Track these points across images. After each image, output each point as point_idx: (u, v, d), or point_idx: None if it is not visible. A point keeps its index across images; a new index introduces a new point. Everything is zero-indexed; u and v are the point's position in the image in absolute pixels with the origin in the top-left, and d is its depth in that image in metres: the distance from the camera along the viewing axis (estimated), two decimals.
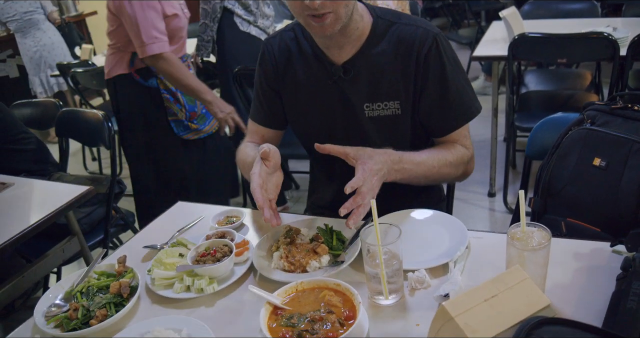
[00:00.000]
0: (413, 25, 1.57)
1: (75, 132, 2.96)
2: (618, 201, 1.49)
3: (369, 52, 1.58)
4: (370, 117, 1.62)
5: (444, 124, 1.65)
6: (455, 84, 1.59)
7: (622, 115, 1.57)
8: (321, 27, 1.44)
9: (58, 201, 2.07)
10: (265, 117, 1.79)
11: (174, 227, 1.73)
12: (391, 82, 1.59)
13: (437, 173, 1.58)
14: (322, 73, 1.64)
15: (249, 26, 3.43)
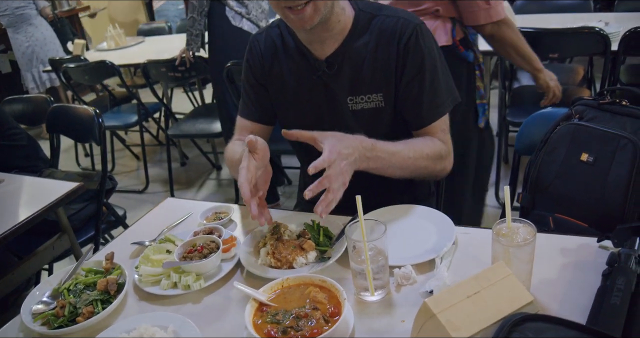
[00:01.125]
0: (394, 16, 1.57)
1: (66, 128, 2.95)
2: (605, 196, 1.49)
3: (352, 45, 1.58)
4: (353, 111, 1.62)
5: (419, 116, 1.62)
6: (432, 76, 1.58)
7: (610, 110, 1.56)
8: (300, 19, 1.44)
9: (48, 197, 2.06)
10: (254, 112, 1.78)
11: (163, 223, 1.73)
12: (374, 74, 1.58)
13: (412, 164, 1.54)
14: (306, 68, 1.64)
15: (242, 20, 3.38)
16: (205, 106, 4.52)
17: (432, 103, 1.60)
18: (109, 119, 4.31)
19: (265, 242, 1.47)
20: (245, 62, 1.75)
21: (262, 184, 1.45)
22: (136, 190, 4.40)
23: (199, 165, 4.72)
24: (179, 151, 4.79)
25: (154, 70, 3.83)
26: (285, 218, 1.57)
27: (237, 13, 3.36)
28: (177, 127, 3.98)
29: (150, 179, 4.45)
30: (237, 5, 3.35)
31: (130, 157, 5.10)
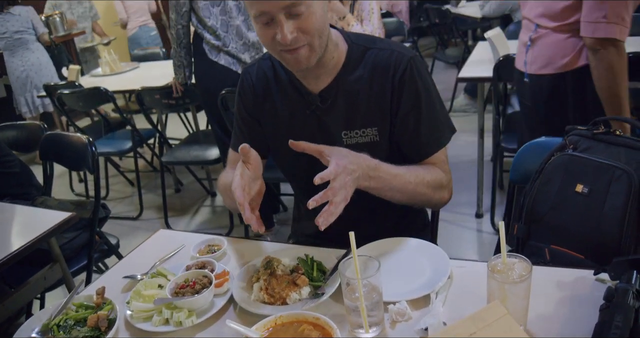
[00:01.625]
0: (388, 49, 1.57)
1: (60, 156, 2.93)
2: (601, 228, 1.48)
3: (345, 79, 1.57)
4: (348, 145, 1.60)
5: (418, 149, 1.62)
6: (429, 108, 1.58)
7: (605, 140, 1.56)
8: (296, 59, 1.44)
9: (40, 227, 2.04)
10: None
11: (156, 255, 1.71)
12: (368, 108, 1.58)
13: (412, 190, 1.53)
14: (299, 102, 1.63)
15: (218, 54, 3.32)
16: (200, 132, 4.51)
17: (431, 135, 1.60)
18: (103, 145, 4.30)
19: (258, 277, 1.45)
20: (237, 95, 1.74)
21: (256, 197, 1.44)
22: (130, 216, 4.37)
23: (194, 192, 4.70)
24: (174, 177, 4.77)
25: (148, 97, 3.83)
26: (279, 252, 1.55)
27: (213, 47, 3.30)
28: (172, 154, 3.97)
29: (145, 206, 4.42)
30: (213, 39, 3.29)
31: (125, 183, 5.08)
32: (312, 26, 1.38)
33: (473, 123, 4.29)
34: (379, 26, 4.18)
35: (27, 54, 5.73)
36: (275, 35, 1.38)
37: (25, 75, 5.72)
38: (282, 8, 1.34)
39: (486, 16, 5.24)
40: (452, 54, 6.20)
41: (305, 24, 1.37)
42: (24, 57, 5.70)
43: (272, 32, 1.38)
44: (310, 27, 1.38)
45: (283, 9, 1.34)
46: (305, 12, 1.36)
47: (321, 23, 1.41)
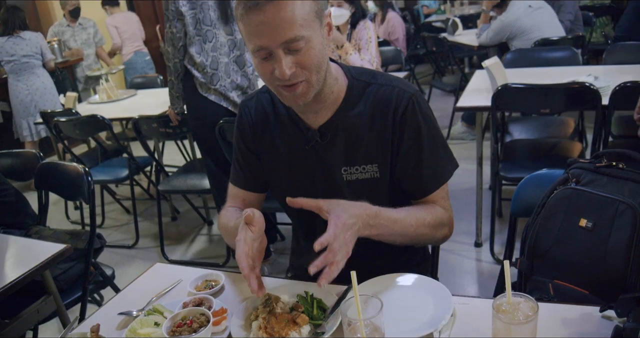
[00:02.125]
0: (389, 85, 1.55)
1: (55, 185, 2.90)
2: (606, 263, 1.46)
3: (346, 114, 1.56)
4: (348, 181, 1.59)
5: (419, 186, 1.61)
6: (431, 145, 1.57)
7: (607, 173, 1.55)
8: (293, 96, 1.42)
9: (34, 259, 2.00)
10: (245, 181, 1.76)
11: (152, 289, 1.68)
12: (369, 144, 1.56)
13: (414, 232, 1.52)
14: (298, 137, 1.61)
15: (208, 90, 3.29)
16: (197, 161, 4.49)
17: (432, 172, 1.59)
18: (99, 173, 4.27)
19: (257, 315, 1.42)
20: (235, 128, 1.72)
21: (257, 256, 1.41)
22: (126, 245, 4.32)
23: (190, 220, 4.67)
24: (170, 205, 4.74)
25: (146, 126, 3.82)
26: (278, 289, 1.52)
27: (202, 84, 3.28)
28: (169, 183, 3.94)
29: (141, 234, 4.38)
30: (200, 76, 3.26)
31: (121, 211, 5.04)
32: (311, 61, 1.37)
33: (470, 150, 4.30)
34: (377, 55, 4.20)
35: (33, 78, 5.75)
36: (274, 70, 1.37)
37: (29, 99, 5.73)
38: (281, 43, 1.33)
39: (483, 44, 5.27)
40: (449, 82, 6.22)
41: (304, 60, 1.36)
42: (29, 81, 5.72)
43: (271, 67, 1.37)
44: (309, 62, 1.37)
45: (282, 45, 1.33)
46: (305, 48, 1.35)
47: (320, 58, 1.40)
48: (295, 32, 1.32)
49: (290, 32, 1.32)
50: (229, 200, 1.79)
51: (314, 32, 1.36)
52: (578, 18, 5.48)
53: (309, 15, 1.34)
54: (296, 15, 1.31)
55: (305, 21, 1.33)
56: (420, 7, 9.48)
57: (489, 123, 3.84)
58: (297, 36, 1.32)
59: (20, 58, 5.61)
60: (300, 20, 1.32)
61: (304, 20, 1.33)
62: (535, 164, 3.29)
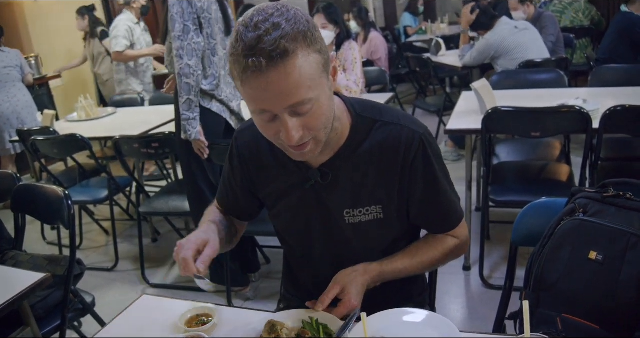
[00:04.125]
0: (397, 124, 1.47)
1: (33, 208, 2.78)
2: (617, 297, 1.40)
3: (349, 154, 1.47)
4: (351, 223, 1.52)
5: (438, 226, 1.60)
6: (445, 184, 1.53)
7: (615, 204, 1.50)
8: (300, 155, 1.34)
9: (11, 290, 1.90)
10: (230, 209, 1.73)
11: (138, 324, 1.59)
12: (374, 186, 1.49)
13: (421, 270, 1.58)
14: (297, 176, 1.52)
15: (211, 101, 3.18)
16: (178, 182, 4.39)
17: (452, 209, 1.58)
18: (78, 194, 4.16)
19: None
20: (227, 157, 1.65)
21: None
22: (105, 267, 4.19)
23: (172, 242, 4.53)
24: (151, 227, 4.62)
25: (127, 146, 3.72)
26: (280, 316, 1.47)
27: (206, 94, 3.15)
28: (150, 205, 3.84)
29: (120, 256, 4.25)
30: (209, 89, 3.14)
31: (99, 232, 4.91)
32: (319, 122, 1.28)
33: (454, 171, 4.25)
34: (362, 75, 4.17)
35: (14, 91, 5.66)
36: (279, 132, 1.27)
37: (11, 111, 5.62)
38: (286, 108, 1.22)
39: (466, 65, 5.28)
40: (432, 103, 6.21)
41: (311, 121, 1.26)
42: (11, 93, 5.62)
43: (276, 129, 1.28)
44: (317, 123, 1.28)
45: (287, 109, 1.23)
46: (312, 109, 1.25)
47: (327, 114, 1.30)
48: (303, 95, 1.21)
49: (298, 97, 1.21)
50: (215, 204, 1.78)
51: (321, 90, 1.25)
52: (559, 40, 5.53)
53: (316, 72, 1.23)
54: (303, 78, 1.20)
55: (312, 81, 1.22)
56: (402, 27, 9.50)
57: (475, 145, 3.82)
58: (304, 100, 1.21)
59: (1, 69, 5.51)
60: (308, 82, 1.21)
61: (311, 80, 1.21)
62: (525, 187, 3.28)
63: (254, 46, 1.15)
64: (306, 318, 1.43)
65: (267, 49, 1.15)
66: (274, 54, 1.15)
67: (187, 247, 1.35)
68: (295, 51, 1.17)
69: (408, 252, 1.55)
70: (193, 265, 1.31)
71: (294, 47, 1.17)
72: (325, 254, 1.63)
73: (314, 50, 1.21)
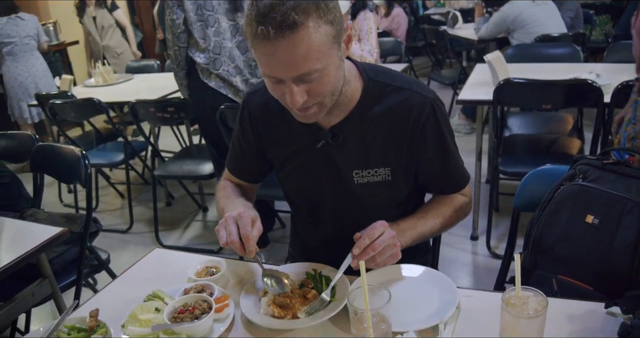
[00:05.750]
0: (408, 89, 1.50)
1: (51, 168, 2.87)
2: (611, 260, 1.45)
3: (360, 116, 1.51)
4: (359, 184, 1.57)
5: (448, 187, 1.65)
6: (454, 148, 1.58)
7: (615, 171, 1.54)
8: (304, 117, 1.39)
9: (29, 243, 1.98)
10: (240, 171, 1.77)
11: (150, 275, 1.66)
12: (383, 148, 1.53)
13: (437, 231, 1.60)
14: (307, 137, 1.56)
15: (209, 77, 3.21)
16: (194, 146, 4.46)
17: (460, 172, 1.62)
18: (94, 157, 4.24)
19: (265, 292, 1.41)
20: (238, 120, 1.68)
21: None
22: (120, 229, 4.30)
23: (185, 206, 4.64)
24: (165, 191, 4.71)
25: (142, 110, 3.78)
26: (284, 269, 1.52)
27: (204, 69, 3.20)
28: (164, 168, 3.92)
29: (135, 219, 4.35)
30: (203, 62, 3.17)
31: (115, 195, 5.01)
32: (324, 89, 1.31)
33: (467, 143, 4.29)
34: (376, 45, 4.18)
35: (32, 60, 5.67)
36: (285, 94, 1.31)
37: (30, 81, 5.65)
38: (292, 77, 1.26)
39: (482, 38, 5.25)
40: (447, 75, 6.21)
41: (317, 89, 1.30)
42: (29, 63, 5.64)
43: (282, 91, 1.32)
44: (323, 90, 1.31)
45: (294, 78, 1.26)
46: (318, 77, 1.28)
47: (335, 83, 1.33)
48: (310, 66, 1.24)
49: (304, 68, 1.24)
50: (224, 176, 1.80)
51: (330, 60, 1.27)
52: (579, 15, 5.47)
53: (325, 44, 1.24)
54: (311, 50, 1.21)
55: (320, 53, 1.24)
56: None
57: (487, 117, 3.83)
58: (310, 70, 1.24)
59: (22, 39, 5.53)
60: (316, 54, 1.23)
61: (319, 52, 1.23)
62: (535, 159, 3.29)
63: (265, 14, 1.18)
64: (310, 271, 1.49)
65: (277, 18, 1.17)
66: (283, 25, 1.18)
67: (244, 222, 1.36)
68: (305, 23, 1.19)
69: (422, 212, 1.59)
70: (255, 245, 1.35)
71: (304, 19, 1.19)
72: (333, 215, 1.68)
73: (326, 21, 1.24)
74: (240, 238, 1.34)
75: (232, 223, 1.36)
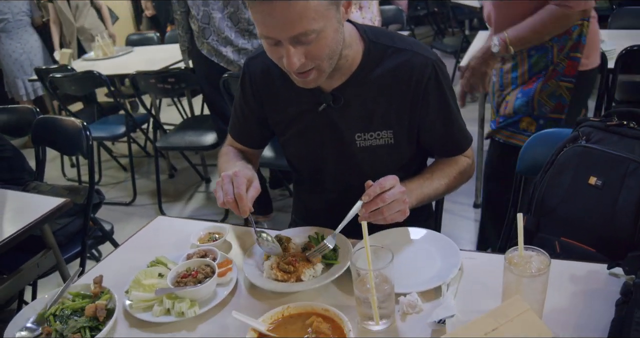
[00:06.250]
0: (410, 50, 1.48)
1: (53, 140, 2.86)
2: (614, 222, 1.44)
3: (361, 79, 1.49)
4: (362, 147, 1.56)
5: (450, 149, 1.63)
6: (455, 109, 1.56)
7: (618, 132, 1.52)
8: (303, 82, 1.37)
9: (33, 214, 1.98)
10: (243, 138, 1.76)
11: (153, 243, 1.66)
12: (385, 111, 1.51)
13: (442, 193, 1.59)
14: (309, 100, 1.54)
15: (202, 44, 3.23)
16: (195, 118, 4.44)
17: (463, 133, 1.61)
18: (95, 130, 4.23)
19: (268, 256, 1.41)
20: (239, 85, 1.67)
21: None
22: (123, 202, 4.31)
23: (188, 178, 4.64)
24: (167, 163, 4.71)
25: (143, 82, 3.76)
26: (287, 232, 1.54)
27: (197, 36, 3.22)
28: (166, 140, 3.91)
29: (138, 191, 4.36)
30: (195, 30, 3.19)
31: (117, 169, 5.02)
32: (322, 52, 1.29)
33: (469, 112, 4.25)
34: (378, 13, 4.13)
35: (26, 37, 5.61)
36: (282, 57, 1.29)
37: (24, 58, 5.60)
38: (289, 37, 1.24)
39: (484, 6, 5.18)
40: (450, 44, 6.15)
41: (314, 51, 1.28)
42: (23, 39, 5.58)
43: (279, 54, 1.30)
44: (320, 53, 1.29)
45: (290, 38, 1.24)
46: (316, 39, 1.26)
47: (333, 46, 1.31)
48: (306, 26, 1.21)
49: (300, 27, 1.21)
50: (227, 142, 1.79)
51: (327, 22, 1.25)
52: None
53: (322, 4, 1.22)
54: (308, 9, 1.19)
55: (317, 13, 1.21)
56: None
57: None
58: (307, 31, 1.22)
59: (14, 15, 5.47)
60: (313, 13, 1.20)
61: (316, 12, 1.21)
62: None
63: None
64: (312, 234, 1.50)
65: None
66: None
67: (239, 181, 1.35)
68: None
69: (427, 173, 1.58)
70: (249, 204, 1.33)
71: None
72: (335, 179, 1.68)
73: None
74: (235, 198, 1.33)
75: (227, 183, 1.35)
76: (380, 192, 1.29)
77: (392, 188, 1.31)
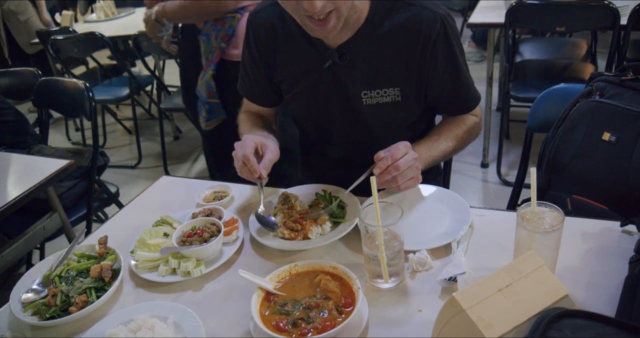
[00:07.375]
0: (418, 5, 1.42)
1: (55, 102, 2.83)
2: (628, 178, 1.41)
3: (368, 34, 1.44)
4: (368, 105, 1.52)
5: (458, 107, 1.58)
6: (464, 66, 1.51)
7: (633, 87, 1.48)
8: (322, 30, 1.32)
9: (37, 176, 1.97)
10: (255, 97, 1.71)
11: (159, 202, 1.64)
12: (392, 67, 1.46)
13: (450, 154, 1.56)
14: (314, 57, 1.50)
15: None
16: None
17: (471, 91, 1.56)
18: (99, 93, 4.19)
19: (275, 213, 1.40)
20: (245, 41, 1.62)
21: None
22: (129, 165, 4.30)
23: (193, 139, 4.61)
24: (172, 125, 4.68)
25: (146, 42, 3.70)
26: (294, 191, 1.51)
27: None
28: (170, 101, 3.87)
29: (143, 154, 4.34)
30: None
31: (122, 132, 4.99)
32: None
33: (477, 72, 4.19)
34: None
35: None
36: (300, 4, 1.25)
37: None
38: None
39: None
40: (457, 1, 6.03)
41: None
42: None
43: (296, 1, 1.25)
44: None
45: None
46: None
47: None
48: None
49: None
50: (244, 106, 1.75)
51: None
52: None
53: None
54: None
55: None
56: None
57: (498, 43, 3.73)
58: None
59: None
60: None
61: None
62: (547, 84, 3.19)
63: None
64: (319, 191, 1.47)
65: None
66: None
67: (245, 144, 1.34)
68: None
69: (435, 135, 1.54)
70: (257, 166, 1.33)
71: None
72: (341, 137, 1.64)
73: None
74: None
75: (239, 150, 1.35)
76: (392, 162, 1.28)
77: (404, 155, 1.29)
